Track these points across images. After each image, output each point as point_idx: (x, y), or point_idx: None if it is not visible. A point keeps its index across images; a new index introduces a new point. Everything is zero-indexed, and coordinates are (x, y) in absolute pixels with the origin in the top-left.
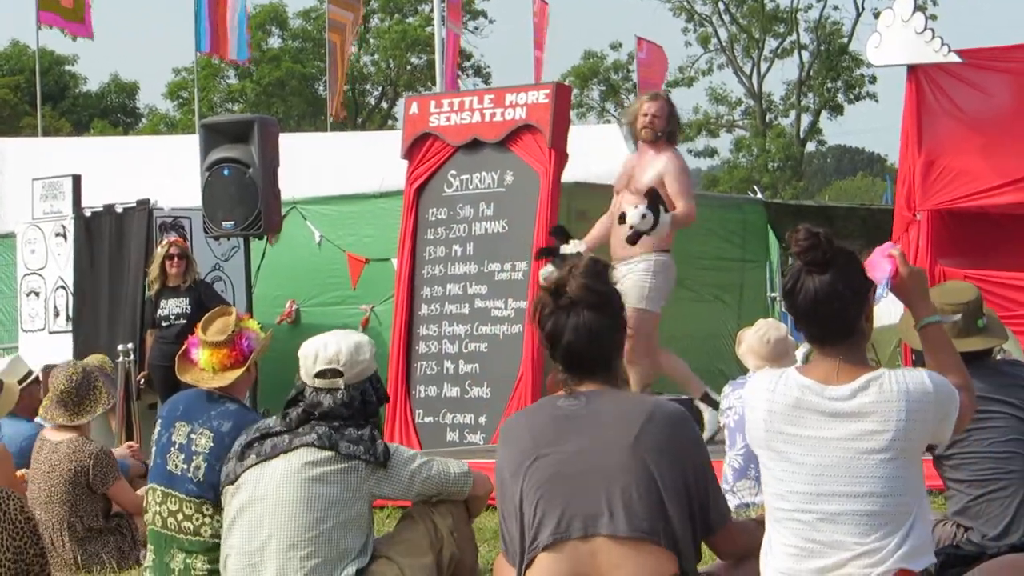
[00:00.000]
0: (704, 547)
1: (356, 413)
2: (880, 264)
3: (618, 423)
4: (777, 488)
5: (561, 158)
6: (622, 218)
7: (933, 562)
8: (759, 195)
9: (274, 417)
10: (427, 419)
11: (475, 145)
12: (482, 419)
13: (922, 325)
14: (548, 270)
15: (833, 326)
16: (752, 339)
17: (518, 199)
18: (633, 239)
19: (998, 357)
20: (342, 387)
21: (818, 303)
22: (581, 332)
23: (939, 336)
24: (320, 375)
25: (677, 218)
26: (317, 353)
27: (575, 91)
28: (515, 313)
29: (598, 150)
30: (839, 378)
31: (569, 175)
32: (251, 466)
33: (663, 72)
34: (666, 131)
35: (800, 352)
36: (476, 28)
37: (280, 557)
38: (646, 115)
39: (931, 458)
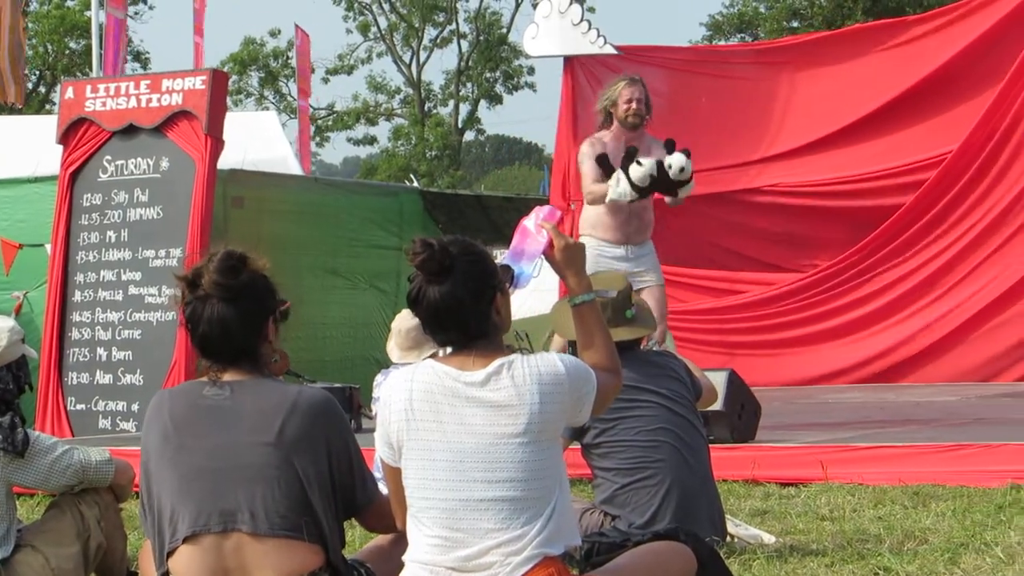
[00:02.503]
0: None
1: None
2: (535, 237)
3: (261, 417)
4: (418, 478)
5: (217, 145)
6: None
7: (576, 544)
8: (415, 184)
9: None
10: (79, 406)
11: (131, 131)
12: (135, 406)
13: (576, 303)
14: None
15: (459, 330)
16: (392, 330)
17: (173, 185)
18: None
19: (655, 348)
20: None
21: (440, 311)
22: (214, 324)
23: (592, 315)
24: None
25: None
26: None
27: (234, 77)
28: (169, 300)
29: (255, 137)
30: (474, 365)
31: (225, 161)
32: None
33: (308, 58)
34: (647, 114)
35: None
36: (136, 13)
37: None
38: (629, 101)
39: (579, 446)
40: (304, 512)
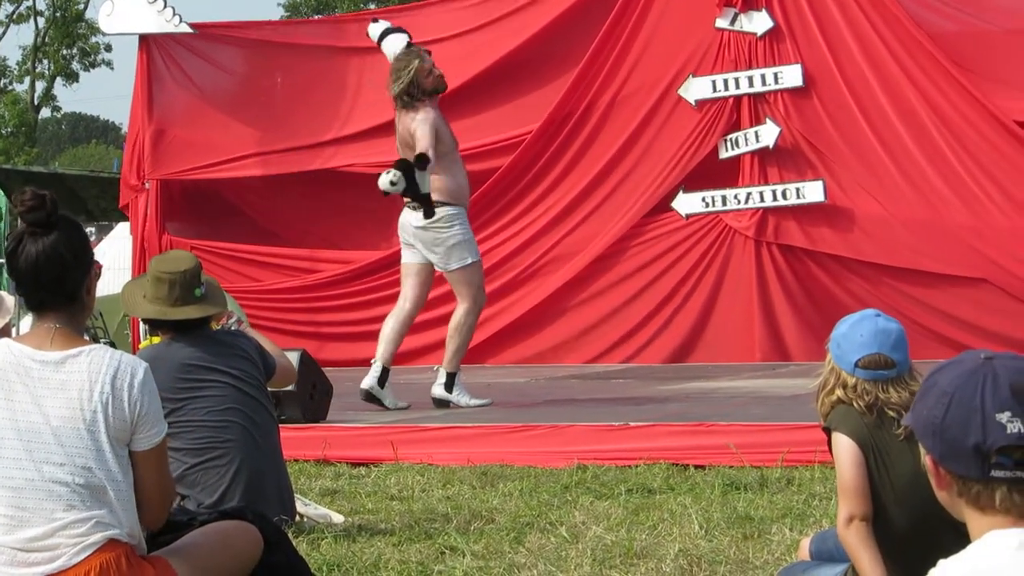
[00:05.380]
0: None
1: None
2: None
3: None
4: None
5: None
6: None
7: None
8: None
9: None
10: None
11: None
12: None
13: None
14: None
15: (54, 289)
16: None
17: None
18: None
19: (234, 328)
20: None
21: (40, 265)
22: None
23: None
24: None
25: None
26: None
27: None
28: None
29: None
30: (53, 345)
31: None
32: None
33: None
34: (403, 95)
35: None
36: None
37: None
38: (433, 67)
39: None
40: None
